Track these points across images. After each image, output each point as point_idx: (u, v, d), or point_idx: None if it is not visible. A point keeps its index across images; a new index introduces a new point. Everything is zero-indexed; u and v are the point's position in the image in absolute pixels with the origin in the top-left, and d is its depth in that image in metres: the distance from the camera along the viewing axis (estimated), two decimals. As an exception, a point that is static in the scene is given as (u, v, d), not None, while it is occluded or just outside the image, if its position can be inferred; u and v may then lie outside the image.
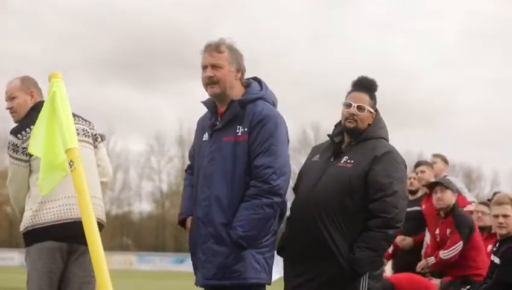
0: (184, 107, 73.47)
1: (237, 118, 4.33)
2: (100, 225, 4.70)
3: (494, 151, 68.54)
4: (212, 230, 4.25)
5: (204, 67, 4.38)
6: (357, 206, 4.44)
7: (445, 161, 9.18)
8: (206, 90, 4.41)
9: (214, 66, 4.34)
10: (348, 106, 4.67)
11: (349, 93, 4.74)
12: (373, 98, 4.72)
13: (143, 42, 67.34)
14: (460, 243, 7.21)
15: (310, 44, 70.02)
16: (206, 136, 4.47)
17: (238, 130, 4.29)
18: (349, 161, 4.54)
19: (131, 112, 74.21)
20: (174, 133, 60.91)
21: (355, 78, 4.76)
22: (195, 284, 4.43)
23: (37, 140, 3.72)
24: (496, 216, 6.15)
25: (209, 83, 4.36)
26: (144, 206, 63.45)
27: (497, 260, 6.04)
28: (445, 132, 67.03)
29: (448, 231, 7.42)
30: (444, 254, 7.32)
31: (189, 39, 69.15)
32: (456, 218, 7.37)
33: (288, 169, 4.27)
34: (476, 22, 71.98)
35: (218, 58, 4.34)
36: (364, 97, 4.68)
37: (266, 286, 4.39)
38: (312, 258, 4.46)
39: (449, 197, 7.45)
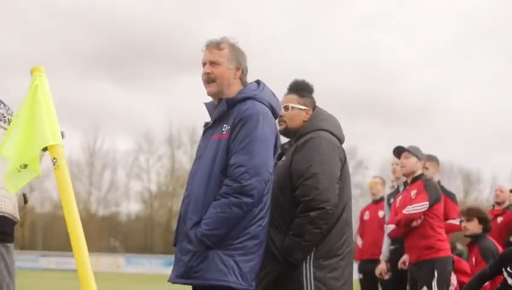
0: (173, 105, 73.58)
1: (225, 116, 4.29)
2: (12, 222, 4.36)
3: (494, 153, 68.62)
4: (187, 228, 4.22)
5: (204, 64, 4.38)
6: (289, 200, 4.50)
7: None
8: (205, 88, 4.40)
9: (212, 63, 4.34)
10: None
11: None
12: (303, 96, 4.85)
13: (129, 39, 67.30)
14: (427, 203, 7.08)
15: (294, 42, 70.04)
16: None
17: (224, 129, 4.26)
18: (284, 159, 4.67)
19: (118, 109, 74.29)
20: (163, 132, 60.94)
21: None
22: (168, 280, 4.39)
23: (10, 140, 3.51)
24: None
25: (207, 80, 4.35)
26: (132, 207, 63.47)
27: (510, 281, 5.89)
28: (443, 132, 67.33)
29: (413, 192, 7.26)
30: (408, 209, 7.12)
31: (178, 36, 69.41)
32: (426, 182, 7.27)
33: (265, 170, 4.15)
34: (468, 21, 72.20)
35: (217, 55, 4.33)
36: (290, 97, 4.85)
37: None
38: (263, 260, 4.42)
39: (412, 164, 7.34)
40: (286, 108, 4.78)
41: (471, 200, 51.29)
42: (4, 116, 4.62)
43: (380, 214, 9.69)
